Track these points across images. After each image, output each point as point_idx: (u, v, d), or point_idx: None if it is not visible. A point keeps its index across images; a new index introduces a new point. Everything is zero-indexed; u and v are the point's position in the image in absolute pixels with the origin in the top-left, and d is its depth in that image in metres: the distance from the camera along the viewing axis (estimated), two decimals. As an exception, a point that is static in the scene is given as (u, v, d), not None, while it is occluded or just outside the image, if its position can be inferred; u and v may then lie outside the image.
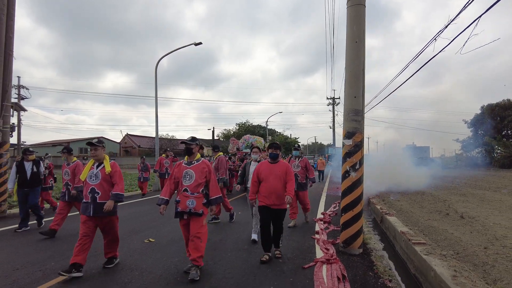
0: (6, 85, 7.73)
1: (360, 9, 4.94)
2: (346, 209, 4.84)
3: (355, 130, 4.83)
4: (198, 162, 4.12)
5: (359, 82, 4.86)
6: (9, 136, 7.93)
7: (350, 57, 4.92)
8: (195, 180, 3.98)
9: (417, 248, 4.84)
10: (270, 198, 4.46)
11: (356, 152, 4.80)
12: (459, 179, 20.12)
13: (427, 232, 6.51)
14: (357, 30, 4.89)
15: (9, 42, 7.75)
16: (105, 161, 4.21)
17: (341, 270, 3.95)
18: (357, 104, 4.85)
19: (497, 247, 5.25)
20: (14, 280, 3.78)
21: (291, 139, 56.85)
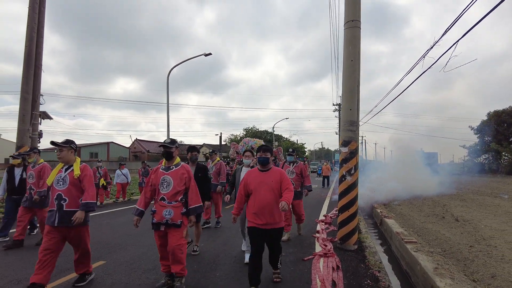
0: (36, 96, 8.51)
1: (356, 31, 5.56)
2: (342, 209, 5.42)
3: (350, 139, 5.43)
4: (177, 167, 3.72)
5: (354, 96, 5.46)
6: (37, 142, 8.68)
7: (346, 74, 5.54)
8: (173, 188, 3.61)
9: (408, 246, 5.40)
10: (262, 216, 3.53)
11: (351, 158, 5.40)
12: (464, 185, 20.42)
13: (421, 233, 7.04)
14: (353, 50, 5.51)
15: (38, 57, 8.54)
16: (75, 164, 3.76)
17: (336, 262, 4.52)
18: (352, 116, 5.46)
19: (482, 246, 5.77)
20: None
21: (298, 145, 57.33)
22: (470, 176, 34.17)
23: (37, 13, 8.46)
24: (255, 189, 3.61)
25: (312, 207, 10.85)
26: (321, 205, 11.17)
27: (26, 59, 8.30)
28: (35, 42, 8.38)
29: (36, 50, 8.47)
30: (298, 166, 6.42)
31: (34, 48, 8.35)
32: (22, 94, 8.36)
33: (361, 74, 5.59)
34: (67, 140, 3.79)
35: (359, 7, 5.58)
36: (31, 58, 8.34)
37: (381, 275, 4.31)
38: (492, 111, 39.54)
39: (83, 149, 47.17)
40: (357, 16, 5.55)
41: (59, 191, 3.62)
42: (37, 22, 8.36)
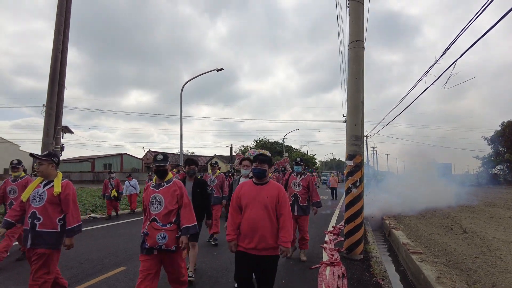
0: (59, 111, 9.07)
1: (360, 51, 5.90)
2: (348, 220, 5.67)
3: (355, 152, 5.71)
4: (168, 184, 3.36)
5: (359, 112, 5.77)
6: (60, 155, 9.20)
7: (351, 91, 5.86)
8: (165, 207, 3.25)
9: (413, 256, 5.60)
10: (252, 239, 2.95)
11: (356, 171, 5.67)
12: (476, 196, 20.20)
13: (428, 244, 7.19)
14: (357, 69, 5.84)
15: (62, 76, 9.13)
16: (56, 179, 3.35)
17: (342, 270, 4.75)
18: (357, 131, 5.75)
19: (487, 257, 5.91)
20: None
21: (308, 156, 57.32)
22: (484, 188, 33.67)
23: (62, 35, 9.08)
24: (246, 205, 3.04)
25: (322, 218, 11.04)
26: (330, 217, 11.34)
27: (51, 77, 8.89)
28: (60, 61, 8.97)
29: (60, 69, 9.06)
30: (306, 178, 5.72)
31: (58, 67, 8.95)
32: (47, 110, 8.92)
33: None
34: (48, 153, 3.44)
35: (362, 28, 5.93)
36: (55, 76, 8.92)
37: (384, 283, 4.52)
38: (506, 121, 39.07)
39: (97, 160, 48.27)
40: (360, 37, 5.90)
41: (34, 209, 3.22)
42: (61, 43, 8.97)
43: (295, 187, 5.68)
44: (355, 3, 6.00)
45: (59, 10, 9.15)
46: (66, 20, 9.29)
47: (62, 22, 9.13)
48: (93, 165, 47.33)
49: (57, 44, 8.91)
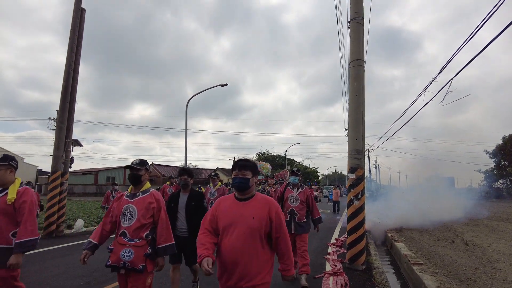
0: (70, 125, 9.38)
1: (360, 70, 6.21)
2: (351, 232, 5.86)
3: (357, 166, 5.94)
4: (144, 195, 2.95)
5: (360, 127, 6.03)
6: (69, 167, 9.48)
7: (352, 107, 6.14)
8: (137, 220, 2.83)
9: (414, 267, 5.75)
10: (231, 275, 2.21)
11: (358, 184, 5.89)
12: (479, 210, 20.22)
13: (429, 256, 7.32)
14: (357, 86, 6.13)
15: (73, 91, 9.49)
16: (12, 186, 2.95)
17: (345, 280, 4.92)
18: (358, 145, 6.00)
19: (487, 268, 6.06)
20: (92, 281, 4.94)
21: (311, 169, 57.37)
22: (487, 202, 33.55)
23: (74, 52, 9.48)
24: (224, 229, 2.28)
25: (325, 231, 11.17)
26: (333, 230, 11.47)
27: (63, 93, 9.24)
28: (72, 77, 9.34)
29: (72, 85, 9.43)
30: (304, 192, 5.14)
31: (70, 83, 9.31)
32: (58, 123, 9.25)
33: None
34: (4, 156, 3.00)
35: (363, 48, 6.25)
36: (67, 92, 9.28)
37: (386, 292, 4.69)
38: (507, 135, 39.22)
39: (101, 173, 48.52)
40: (361, 56, 6.21)
41: None
42: (74, 60, 9.36)
43: (292, 201, 5.10)
44: (356, 24, 6.34)
45: (72, 29, 9.58)
46: (79, 38, 9.72)
47: (75, 40, 9.54)
48: (96, 178, 47.59)
49: (70, 61, 9.30)
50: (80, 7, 9.86)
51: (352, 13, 6.43)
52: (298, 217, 5.03)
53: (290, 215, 5.05)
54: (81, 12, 9.90)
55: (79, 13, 9.84)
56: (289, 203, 5.12)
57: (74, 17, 9.71)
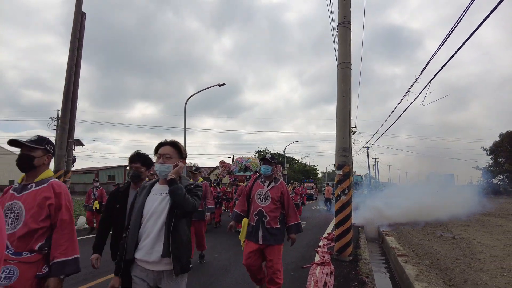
0: (72, 126, 9.73)
1: (347, 71, 6.54)
2: (338, 225, 6.21)
3: (344, 163, 6.29)
4: (38, 187, 2.09)
5: (346, 126, 6.37)
6: (71, 166, 9.83)
7: (340, 107, 6.48)
8: (24, 224, 1.98)
9: (399, 259, 6.12)
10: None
11: (345, 180, 6.24)
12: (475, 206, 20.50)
13: (416, 248, 7.69)
14: (344, 87, 6.47)
15: (75, 93, 9.83)
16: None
17: (331, 269, 5.27)
18: (345, 143, 6.34)
19: (467, 259, 6.43)
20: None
21: (310, 167, 57.67)
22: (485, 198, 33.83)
23: (75, 54, 9.82)
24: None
25: (319, 226, 11.55)
26: (327, 225, 11.84)
27: (65, 94, 9.58)
28: (73, 79, 9.68)
29: (73, 86, 9.77)
30: (278, 187, 3.82)
31: (72, 85, 9.66)
32: (61, 124, 9.59)
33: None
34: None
35: (350, 51, 6.58)
36: (69, 93, 9.62)
37: (369, 280, 5.04)
38: (504, 132, 39.55)
39: (101, 172, 48.88)
40: (348, 59, 6.55)
41: None
42: (75, 63, 9.70)
43: (261, 200, 3.78)
44: (343, 28, 6.67)
45: (73, 32, 9.91)
46: (79, 41, 10.05)
47: (76, 43, 9.88)
48: (97, 177, 47.91)
49: (71, 64, 9.63)
50: (80, 11, 10.18)
51: (340, 17, 6.76)
52: (269, 220, 3.67)
53: (257, 219, 3.71)
54: (81, 16, 10.23)
55: (80, 17, 10.16)
56: (257, 202, 3.77)
57: (75, 21, 10.03)
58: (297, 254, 6.76)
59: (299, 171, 51.73)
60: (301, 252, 6.98)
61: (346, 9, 6.66)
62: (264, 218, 3.69)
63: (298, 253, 6.82)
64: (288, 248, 7.24)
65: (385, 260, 7.77)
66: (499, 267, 5.75)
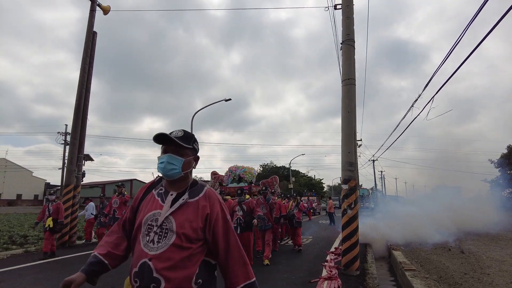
0: (82, 141, 9.96)
1: (352, 88, 6.69)
2: (345, 239, 6.24)
3: (349, 177, 6.37)
4: None
5: (351, 141, 6.48)
6: (81, 180, 10.00)
7: (344, 123, 6.60)
8: None
9: (407, 273, 6.10)
10: None
11: (351, 194, 6.30)
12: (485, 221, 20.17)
13: (424, 263, 7.65)
14: (349, 103, 6.61)
15: (85, 109, 10.10)
16: None
17: (338, 284, 5.30)
18: (350, 158, 6.43)
19: (476, 274, 6.39)
20: None
21: (316, 180, 57.41)
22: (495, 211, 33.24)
23: (86, 72, 10.13)
24: None
25: (326, 240, 11.49)
26: (334, 240, 11.78)
27: (76, 111, 9.85)
28: (84, 96, 9.97)
29: (84, 103, 10.04)
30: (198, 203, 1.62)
31: (82, 102, 9.93)
32: (71, 139, 9.83)
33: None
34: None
35: (354, 68, 6.75)
36: (79, 110, 9.89)
37: (376, 295, 5.05)
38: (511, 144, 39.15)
39: (108, 186, 49.17)
40: (352, 75, 6.71)
41: None
42: (86, 80, 10.00)
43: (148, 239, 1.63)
44: (347, 46, 6.86)
45: (85, 51, 10.25)
46: (90, 59, 10.39)
47: (87, 61, 10.21)
48: (103, 191, 48.11)
49: (82, 82, 9.94)
50: (92, 31, 10.56)
51: (343, 35, 6.96)
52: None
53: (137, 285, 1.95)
54: (92, 35, 10.59)
55: (91, 36, 10.53)
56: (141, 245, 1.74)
57: (87, 40, 10.39)
58: (304, 268, 6.77)
59: (304, 185, 51.51)
60: (308, 267, 6.99)
61: (350, 28, 6.86)
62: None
63: (305, 268, 6.84)
64: (295, 262, 7.31)
65: (393, 275, 7.72)
66: (508, 282, 5.72)
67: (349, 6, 6.91)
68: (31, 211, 33.30)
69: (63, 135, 37.15)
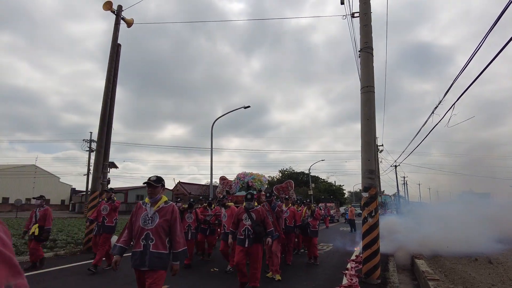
0: (107, 150, 10.34)
1: (371, 95, 6.68)
2: (366, 248, 6.20)
3: (370, 185, 6.33)
4: None
5: (371, 149, 6.45)
6: (106, 187, 10.37)
7: (364, 130, 6.59)
8: None
9: (430, 283, 5.99)
10: None
11: (371, 202, 6.26)
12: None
13: (448, 273, 7.43)
14: (368, 111, 6.59)
15: (110, 119, 10.50)
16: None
17: (359, 293, 5.27)
18: (370, 165, 6.41)
19: (505, 286, 6.17)
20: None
21: (336, 186, 56.64)
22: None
23: (111, 82, 10.55)
24: None
25: (346, 248, 11.37)
26: (354, 247, 11.63)
27: (101, 120, 10.26)
28: (109, 106, 10.37)
29: (109, 112, 10.44)
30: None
31: (108, 111, 10.33)
32: (97, 147, 10.23)
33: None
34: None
35: (372, 76, 6.74)
36: (105, 119, 10.29)
37: (398, 305, 4.99)
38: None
39: (130, 191, 50.35)
40: (371, 83, 6.70)
41: None
42: (111, 90, 10.41)
43: None
44: (365, 53, 6.87)
45: (110, 62, 10.69)
46: (115, 69, 10.81)
47: (112, 72, 10.64)
48: (126, 196, 49.41)
49: (108, 92, 10.35)
50: (116, 43, 11.01)
51: (362, 43, 6.97)
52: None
53: None
54: (117, 48, 11.04)
55: (116, 48, 10.98)
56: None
57: (111, 52, 10.84)
58: (324, 276, 6.75)
59: (324, 191, 50.91)
60: (328, 274, 6.96)
61: (368, 36, 6.87)
62: None
63: (325, 275, 6.82)
64: (315, 270, 7.28)
65: (415, 285, 7.56)
66: (538, 294, 5.49)
67: (367, 14, 6.92)
68: (58, 215, 34.55)
69: (88, 142, 38.54)
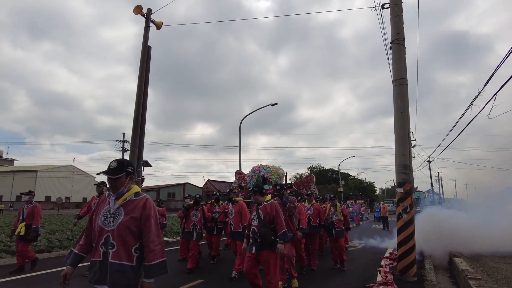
0: (141, 149, 10.72)
1: (404, 88, 6.48)
2: (400, 244, 6.04)
3: (404, 180, 6.16)
4: None
5: (406, 143, 6.27)
6: (141, 185, 10.77)
7: (398, 124, 6.41)
8: None
9: (471, 282, 5.75)
10: None
11: (406, 198, 6.09)
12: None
13: (491, 272, 7.08)
14: (402, 104, 6.41)
15: (143, 119, 10.86)
16: None
17: (394, 290, 5.15)
18: (405, 160, 6.23)
19: (554, 286, 5.77)
20: None
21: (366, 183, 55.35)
22: None
23: (143, 85, 10.90)
24: None
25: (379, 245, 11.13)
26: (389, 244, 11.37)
27: (135, 121, 10.63)
28: (141, 107, 10.73)
29: (141, 113, 10.81)
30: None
31: (140, 112, 10.70)
32: (131, 147, 10.62)
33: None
34: None
35: (405, 67, 6.54)
36: (138, 120, 10.66)
37: (436, 303, 4.83)
38: None
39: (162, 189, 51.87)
40: (403, 75, 6.50)
41: None
42: (143, 92, 10.77)
43: None
44: (397, 45, 6.67)
45: (141, 65, 11.05)
46: (146, 72, 11.17)
47: (143, 74, 10.99)
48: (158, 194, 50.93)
49: (140, 93, 10.71)
50: (147, 46, 11.35)
51: (393, 34, 6.77)
52: None
53: None
54: (148, 50, 11.39)
55: (146, 51, 11.32)
56: None
57: (142, 54, 11.20)
58: (358, 273, 6.66)
59: (355, 188, 49.85)
60: (362, 272, 6.86)
61: (399, 26, 6.66)
62: None
63: (358, 273, 6.72)
64: (348, 268, 7.18)
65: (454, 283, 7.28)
66: None
67: (398, 4, 6.72)
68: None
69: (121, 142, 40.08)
